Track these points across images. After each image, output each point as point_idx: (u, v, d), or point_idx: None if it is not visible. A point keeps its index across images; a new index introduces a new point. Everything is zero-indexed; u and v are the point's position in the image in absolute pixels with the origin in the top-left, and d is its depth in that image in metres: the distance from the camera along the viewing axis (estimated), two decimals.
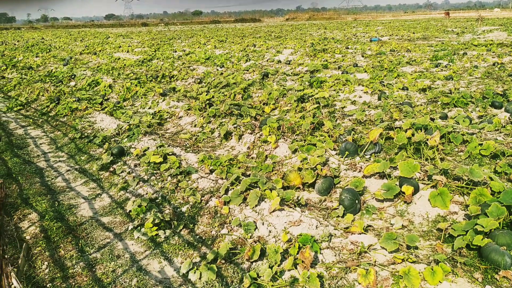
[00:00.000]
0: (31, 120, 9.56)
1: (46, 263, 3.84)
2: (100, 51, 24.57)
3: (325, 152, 6.12)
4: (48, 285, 3.51)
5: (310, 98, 9.38)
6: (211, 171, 5.67)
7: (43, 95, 11.82)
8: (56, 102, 10.62)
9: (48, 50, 25.74)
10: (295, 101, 9.35)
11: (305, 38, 30.00)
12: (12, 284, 2.14)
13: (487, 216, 3.82)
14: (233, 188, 5.04)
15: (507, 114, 7.75)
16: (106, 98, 11.55)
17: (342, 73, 13.11)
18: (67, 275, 3.67)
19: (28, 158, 6.93)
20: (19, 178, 5.96)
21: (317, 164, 5.45)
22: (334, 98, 9.80)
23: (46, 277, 3.63)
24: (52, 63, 19.18)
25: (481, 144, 5.95)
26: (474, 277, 3.37)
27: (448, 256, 3.67)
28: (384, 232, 4.09)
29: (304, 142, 6.59)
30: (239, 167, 5.83)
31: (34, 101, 11.53)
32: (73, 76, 14.99)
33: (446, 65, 13.88)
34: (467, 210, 4.19)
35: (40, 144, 7.70)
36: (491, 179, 4.61)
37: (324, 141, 6.56)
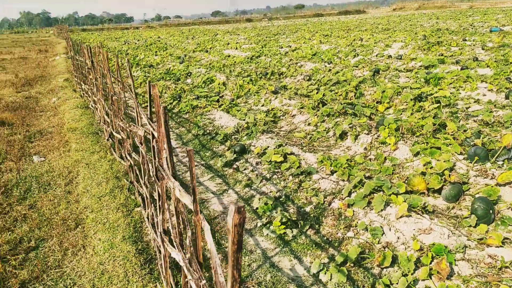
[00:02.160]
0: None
1: None
2: (210, 48, 25.86)
3: (452, 156, 5.85)
4: None
5: (428, 97, 8.97)
6: (332, 172, 5.75)
7: (165, 93, 12.85)
8: (178, 99, 11.47)
9: (164, 49, 27.74)
10: (411, 99, 9.01)
11: (415, 30, 28.50)
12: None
13: None
14: (355, 191, 5.07)
15: None
16: (220, 95, 12.20)
17: (461, 68, 12.26)
18: (210, 265, 4.03)
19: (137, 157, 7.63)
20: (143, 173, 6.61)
21: (444, 169, 5.24)
22: (454, 96, 9.24)
23: None
24: (169, 61, 20.66)
25: None
26: None
27: None
28: None
29: (427, 145, 6.36)
30: (359, 169, 5.83)
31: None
32: (189, 74, 16.02)
33: None
34: None
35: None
36: None
37: (449, 145, 6.26)
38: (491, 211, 4.44)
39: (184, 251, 2.64)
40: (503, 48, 16.07)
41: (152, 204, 4.28)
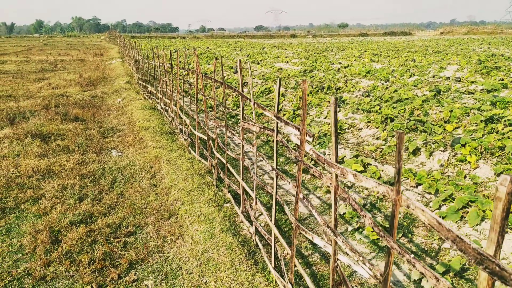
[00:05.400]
0: (223, 121, 10.76)
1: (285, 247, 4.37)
2: (261, 60, 26.26)
3: None
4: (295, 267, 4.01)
5: (501, 119, 8.84)
6: (416, 185, 5.77)
7: (227, 100, 13.18)
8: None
9: (215, 58, 28.34)
10: (481, 121, 8.91)
11: (468, 54, 28.02)
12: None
13: None
14: (445, 204, 5.07)
15: None
16: (280, 106, 12.39)
17: None
18: (309, 262, 4.13)
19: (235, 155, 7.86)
20: (235, 171, 6.81)
21: None
22: None
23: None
24: (223, 70, 21.12)
25: None
26: None
27: None
28: None
29: (510, 165, 6.28)
30: (445, 184, 5.82)
31: (220, 105, 12.92)
32: (245, 83, 16.35)
33: None
34: None
35: (238, 143, 8.63)
36: None
37: None
38: None
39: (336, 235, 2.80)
40: None
41: (258, 199, 4.44)
